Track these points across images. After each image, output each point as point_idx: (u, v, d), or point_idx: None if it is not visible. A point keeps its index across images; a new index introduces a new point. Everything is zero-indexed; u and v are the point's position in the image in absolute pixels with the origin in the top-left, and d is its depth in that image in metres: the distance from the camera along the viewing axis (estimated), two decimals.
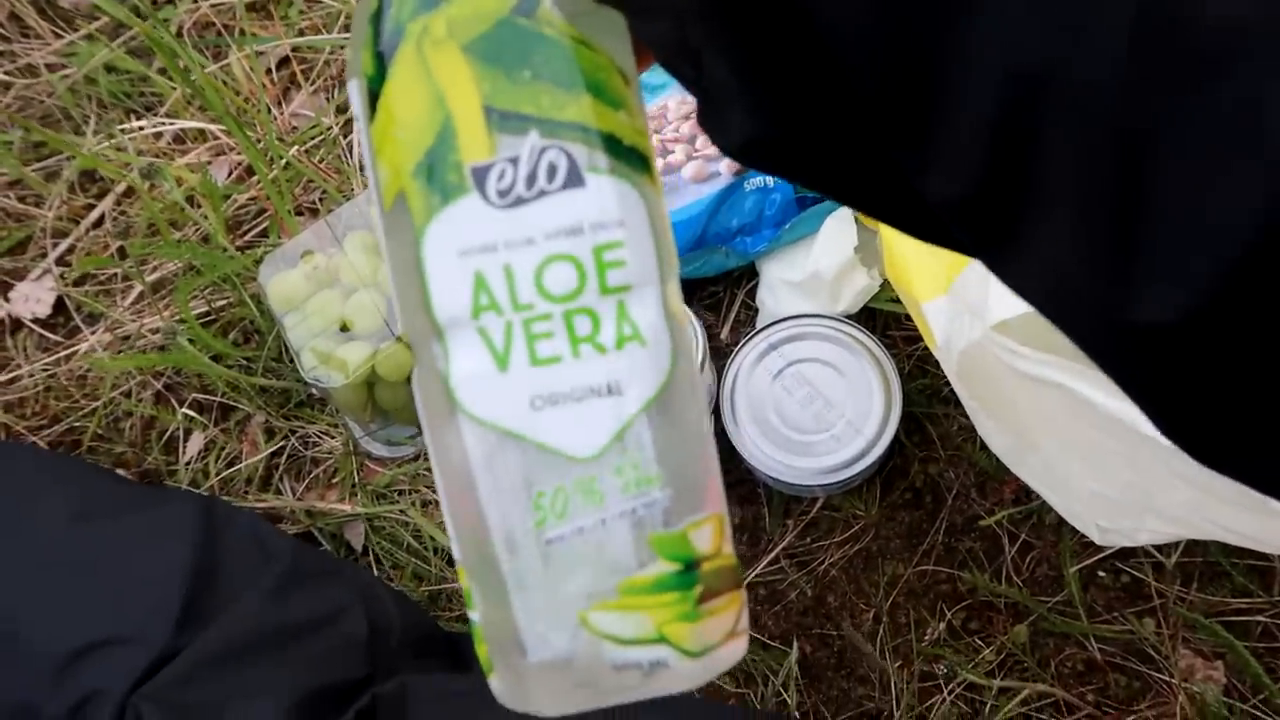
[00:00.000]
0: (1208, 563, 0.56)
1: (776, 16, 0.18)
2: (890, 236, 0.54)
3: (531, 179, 0.20)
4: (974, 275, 0.48)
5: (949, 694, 0.56)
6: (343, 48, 0.79)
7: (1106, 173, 0.16)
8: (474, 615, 0.23)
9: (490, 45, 0.20)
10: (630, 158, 0.21)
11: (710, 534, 0.22)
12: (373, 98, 0.21)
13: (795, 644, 0.58)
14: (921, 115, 0.17)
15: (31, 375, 0.72)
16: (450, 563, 0.63)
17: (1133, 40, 0.15)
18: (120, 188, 0.77)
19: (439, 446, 0.22)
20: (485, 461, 0.21)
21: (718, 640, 0.22)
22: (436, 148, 0.20)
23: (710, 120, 0.21)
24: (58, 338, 0.74)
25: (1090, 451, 0.46)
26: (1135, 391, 0.18)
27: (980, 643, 0.57)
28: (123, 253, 0.74)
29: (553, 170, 0.20)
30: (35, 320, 0.75)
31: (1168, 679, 0.54)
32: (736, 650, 0.23)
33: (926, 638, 0.57)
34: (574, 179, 0.20)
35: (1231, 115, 0.14)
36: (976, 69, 0.16)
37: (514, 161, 0.20)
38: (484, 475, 0.21)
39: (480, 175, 0.20)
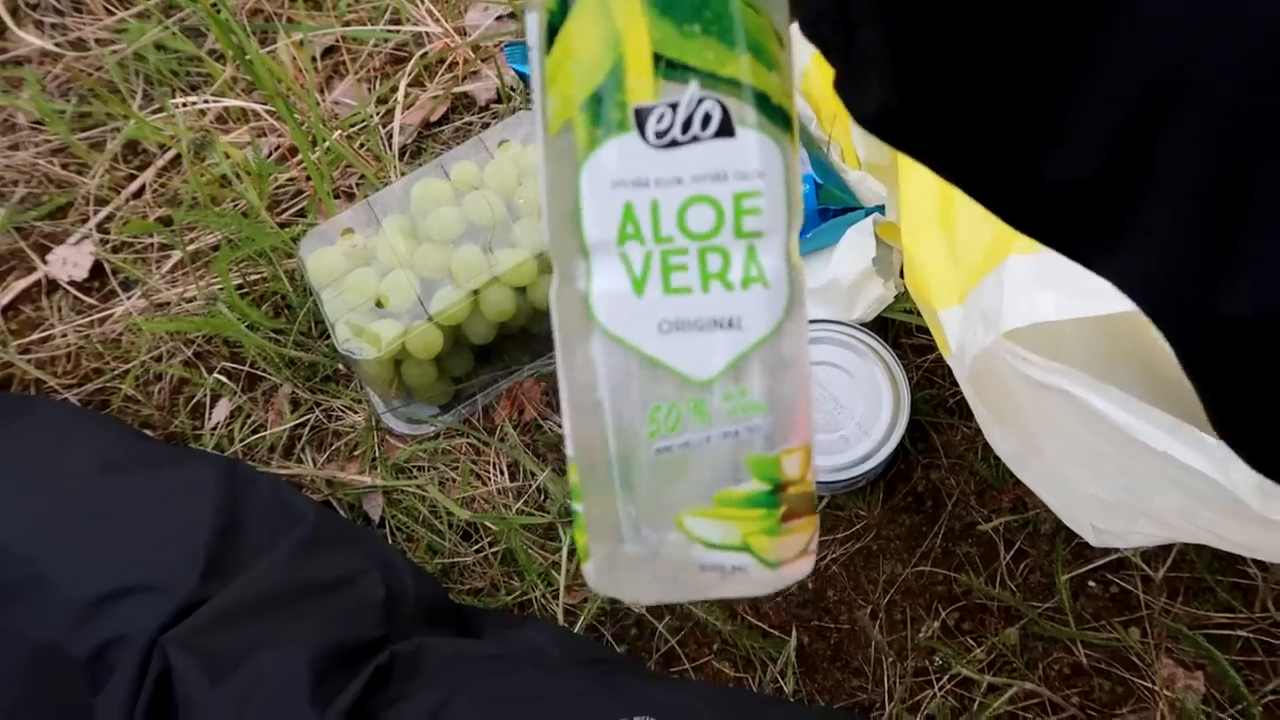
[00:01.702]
0: (1194, 577, 0.59)
1: None
2: (911, 248, 0.57)
3: (687, 125, 0.22)
4: (988, 287, 0.51)
5: (940, 688, 0.58)
6: (387, 40, 0.82)
7: (1222, 175, 0.17)
8: (578, 506, 0.25)
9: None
10: (776, 115, 0.23)
11: (799, 461, 0.24)
12: (550, 31, 0.23)
13: (794, 633, 0.60)
14: (1059, 97, 0.19)
15: (65, 335, 0.75)
16: (464, 538, 0.65)
17: (1263, 51, 0.17)
18: (162, 160, 0.80)
19: (568, 353, 0.24)
20: (611, 373, 0.23)
21: (791, 556, 0.24)
22: (606, 85, 0.22)
23: (848, 88, 0.23)
24: (93, 301, 0.76)
25: (1090, 456, 0.48)
26: (1203, 382, 0.20)
27: (972, 642, 0.59)
28: (163, 222, 0.77)
29: (707, 119, 0.22)
30: (71, 283, 0.77)
31: (1150, 686, 0.57)
32: (804, 567, 0.25)
33: (921, 634, 0.60)
34: (725, 129, 0.22)
35: None
36: (1120, 62, 0.18)
37: (674, 107, 0.22)
38: (608, 384, 0.23)
39: (642, 116, 0.22)
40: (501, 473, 0.67)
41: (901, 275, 0.64)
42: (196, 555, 0.55)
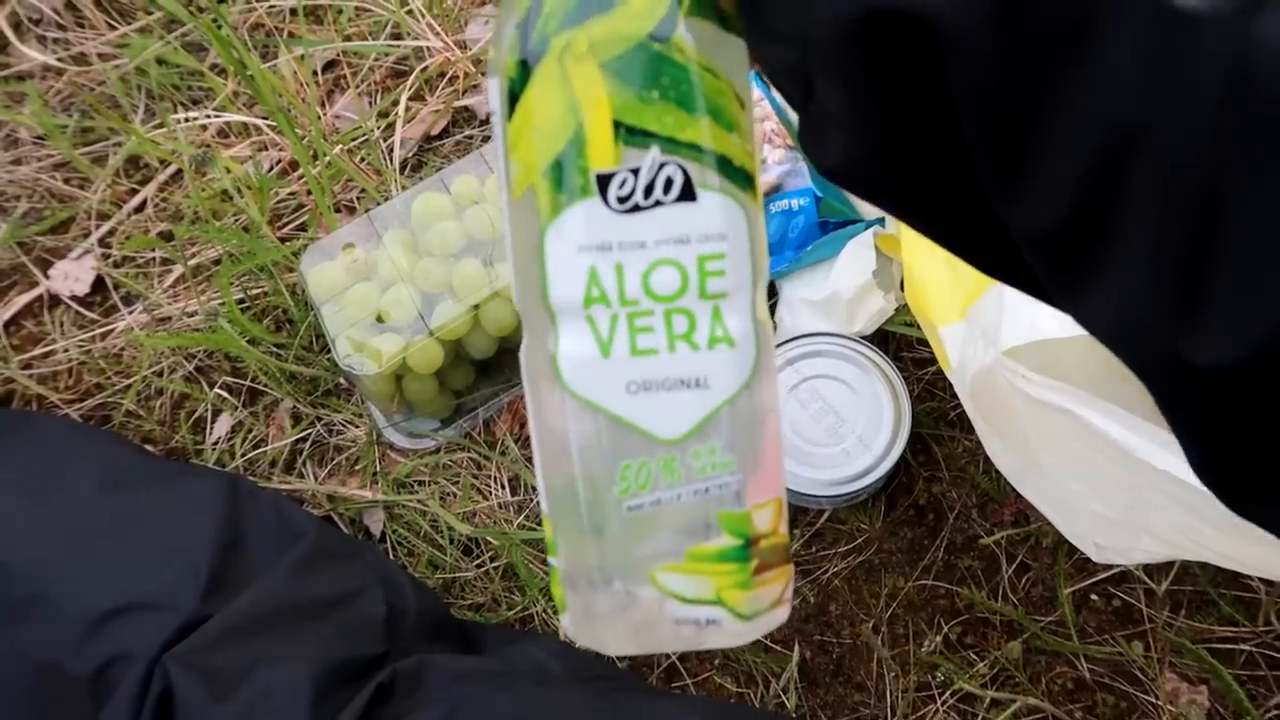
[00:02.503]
0: (1197, 591, 0.58)
1: (904, 52, 0.20)
2: (911, 264, 0.57)
3: (649, 189, 0.22)
4: (989, 304, 0.51)
5: (943, 704, 0.58)
6: (387, 54, 0.82)
7: (1185, 227, 0.18)
8: (554, 560, 0.25)
9: (625, 65, 0.22)
10: (738, 177, 0.23)
11: (770, 515, 0.25)
12: (511, 98, 0.23)
13: (796, 648, 0.60)
14: (1023, 151, 0.19)
15: (66, 350, 0.75)
16: (465, 553, 0.65)
17: (1220, 110, 0.17)
18: (163, 175, 0.80)
19: (540, 413, 0.25)
20: (581, 434, 0.24)
21: (766, 607, 0.25)
22: (567, 152, 0.22)
23: (810, 140, 0.23)
24: (94, 316, 0.76)
25: (1090, 473, 0.48)
26: (1181, 427, 0.20)
27: (975, 656, 0.59)
28: (165, 237, 0.77)
29: (669, 183, 0.23)
30: (73, 298, 0.77)
31: (1154, 700, 0.57)
32: (779, 616, 0.26)
33: (924, 648, 0.59)
34: (687, 193, 0.23)
35: None
36: (1080, 116, 0.18)
37: (635, 172, 0.22)
38: (578, 445, 0.24)
39: (604, 181, 0.22)
40: (503, 487, 0.67)
41: (902, 288, 0.64)
42: (199, 572, 0.55)
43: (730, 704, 0.59)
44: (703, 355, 0.23)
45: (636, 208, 0.23)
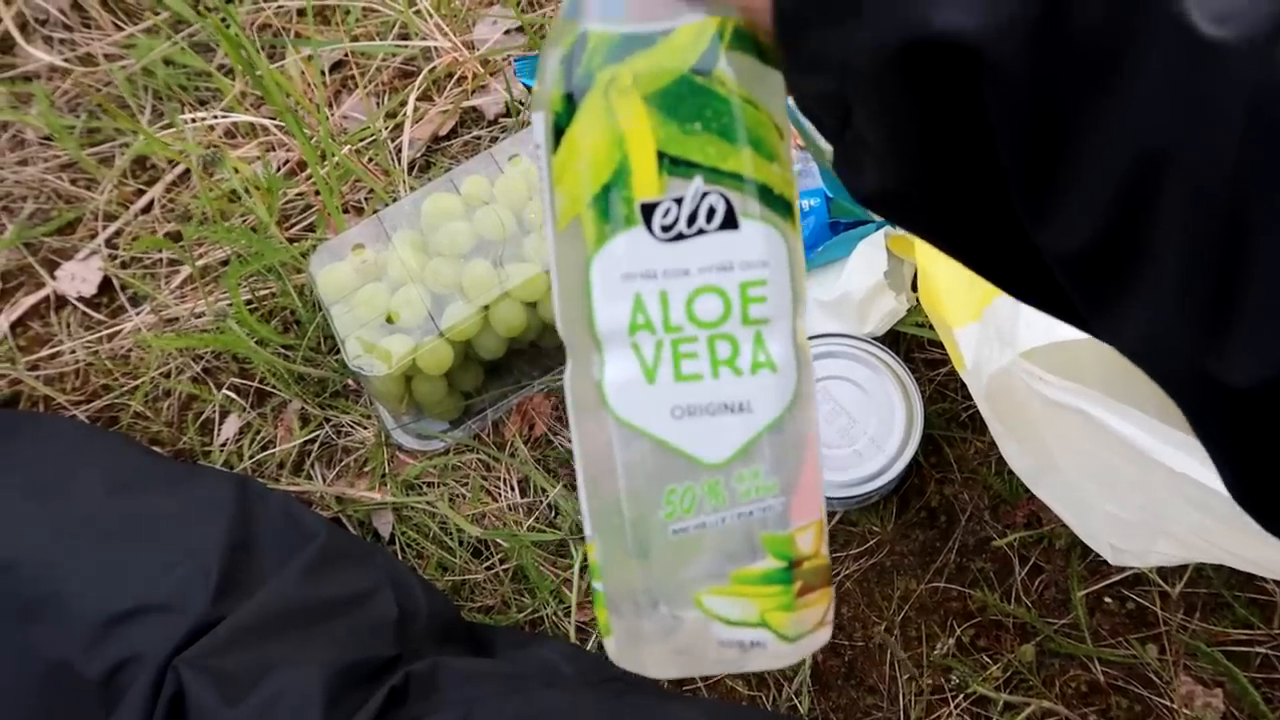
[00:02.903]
0: (1211, 593, 0.58)
1: (942, 79, 0.20)
2: (925, 265, 0.57)
3: (692, 218, 0.23)
4: (1004, 305, 0.51)
5: (956, 706, 0.57)
6: (395, 54, 0.82)
7: (1213, 249, 0.18)
8: (599, 585, 0.26)
9: (669, 98, 0.23)
10: (778, 205, 0.24)
11: (812, 537, 0.25)
12: (556, 131, 0.24)
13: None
14: (1056, 173, 0.20)
15: (74, 352, 0.74)
16: (475, 555, 0.65)
17: (1244, 136, 0.18)
18: (170, 176, 0.80)
19: (585, 437, 0.25)
20: (626, 458, 0.24)
21: (809, 628, 0.25)
22: (612, 183, 0.23)
23: (846, 169, 0.23)
24: (101, 317, 0.76)
25: (1107, 475, 0.48)
26: (1213, 445, 0.21)
27: (988, 659, 0.59)
28: (172, 238, 0.77)
29: (712, 212, 0.23)
30: (80, 299, 0.77)
31: (1168, 704, 0.56)
32: (822, 638, 0.26)
33: (936, 651, 0.59)
34: (730, 222, 0.23)
35: None
36: (1111, 140, 0.19)
37: (679, 201, 0.23)
38: (624, 469, 0.24)
39: (648, 211, 0.23)
40: (512, 489, 0.67)
41: (913, 288, 0.64)
42: (210, 574, 0.54)
43: (742, 707, 0.59)
44: (746, 380, 0.24)
45: (680, 236, 0.23)
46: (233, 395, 0.71)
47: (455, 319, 0.63)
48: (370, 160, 0.77)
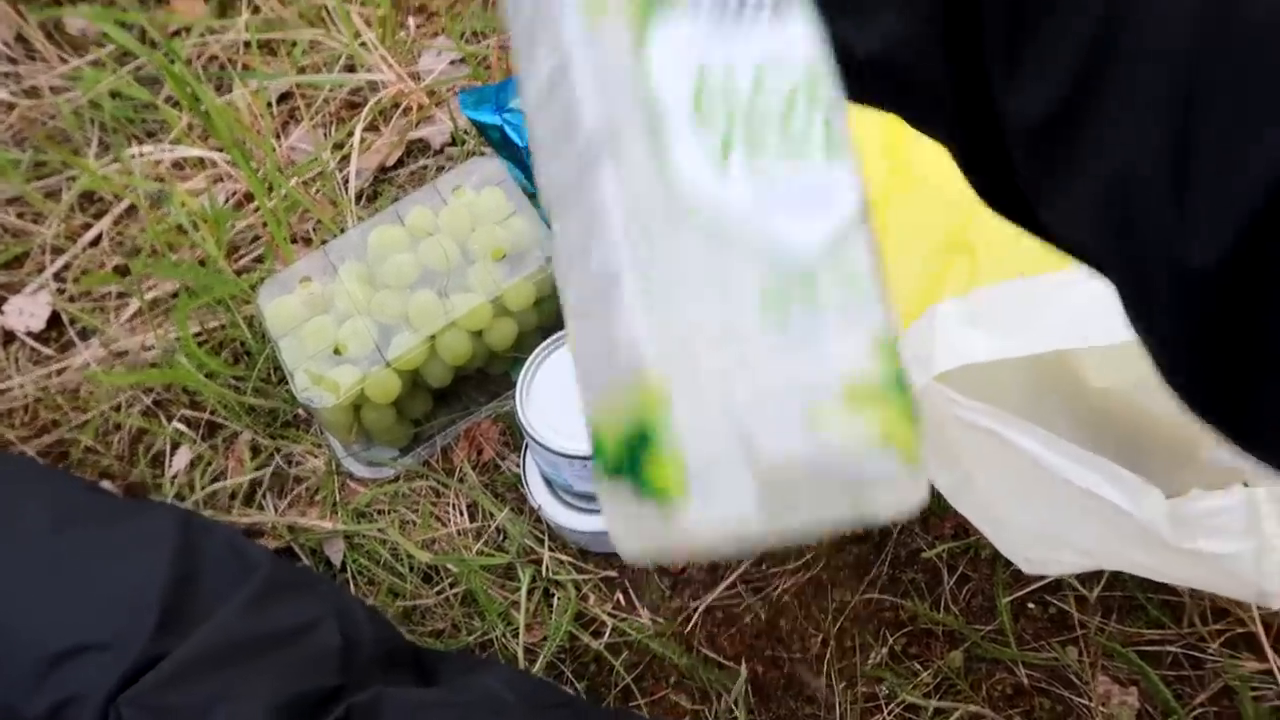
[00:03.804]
0: (1126, 596, 0.61)
1: None
2: None
3: (742, 3, 0.21)
4: (921, 330, 0.53)
5: (889, 714, 0.60)
6: (341, 86, 0.83)
7: (1167, 106, 0.19)
8: (660, 432, 0.20)
9: None
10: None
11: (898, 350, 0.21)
12: None
13: (746, 664, 0.62)
14: (1021, 40, 0.21)
15: (22, 387, 0.75)
16: (425, 580, 0.67)
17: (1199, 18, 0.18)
18: (119, 209, 0.80)
19: (654, 251, 0.21)
20: (712, 250, 0.21)
21: (921, 454, 0.21)
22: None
23: (851, 19, 0.23)
24: (50, 351, 0.77)
25: (1017, 490, 0.51)
26: (1153, 331, 0.21)
27: (919, 666, 0.61)
28: (121, 271, 0.77)
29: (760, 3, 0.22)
30: (29, 333, 0.77)
31: (1087, 703, 0.59)
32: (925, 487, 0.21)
33: (870, 661, 0.62)
34: (787, 9, 0.22)
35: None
36: (1077, 5, 0.20)
37: None
38: (719, 263, 0.21)
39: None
40: (461, 513, 0.68)
41: None
42: (152, 609, 0.55)
43: None
44: (825, 165, 0.21)
45: (739, 14, 0.21)
46: (183, 428, 0.72)
47: (402, 349, 0.64)
48: (318, 191, 0.78)
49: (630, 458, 0.21)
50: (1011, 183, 0.24)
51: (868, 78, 0.23)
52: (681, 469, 0.20)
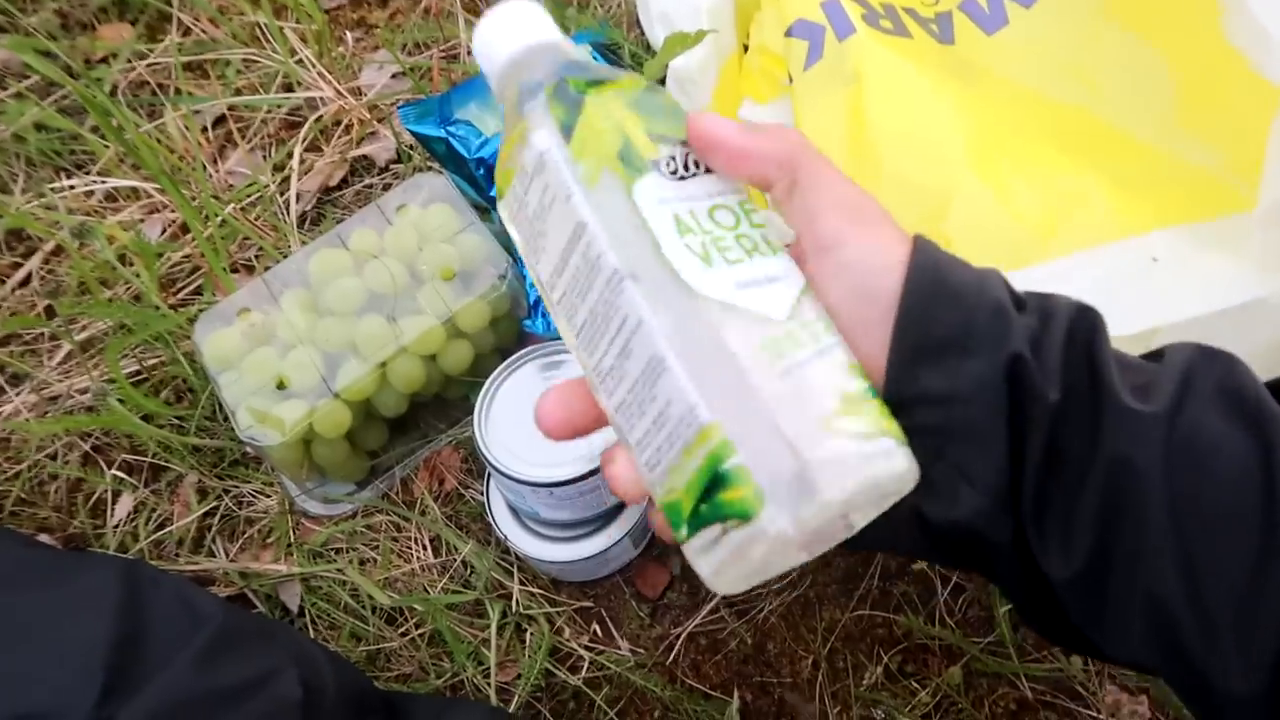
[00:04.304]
0: None
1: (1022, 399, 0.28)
2: None
3: (685, 165, 0.30)
4: None
5: None
6: (279, 106, 0.79)
7: (1173, 567, 0.26)
8: (734, 460, 0.26)
9: (639, 102, 0.31)
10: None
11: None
12: (565, 130, 0.30)
13: (736, 693, 0.59)
14: (1042, 514, 0.28)
15: None
16: (389, 621, 0.63)
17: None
18: (48, 246, 0.76)
19: (681, 334, 0.28)
20: (724, 328, 0.28)
21: (902, 439, 0.27)
22: (624, 148, 0.30)
23: (935, 497, 0.28)
24: None
25: None
26: None
27: (916, 685, 0.58)
28: (50, 312, 0.73)
29: (695, 163, 0.31)
30: None
31: (1096, 715, 0.56)
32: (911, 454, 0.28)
33: (864, 682, 0.58)
34: (708, 169, 0.31)
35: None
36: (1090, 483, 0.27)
37: (673, 157, 0.30)
38: (728, 335, 0.27)
39: (655, 164, 0.30)
40: (424, 548, 0.64)
41: None
42: (94, 672, 0.51)
43: None
44: (776, 260, 0.29)
45: (683, 176, 0.30)
46: (123, 475, 0.67)
47: (350, 379, 0.60)
48: (258, 217, 0.74)
49: (710, 504, 0.27)
50: (1069, 623, 0.29)
51: (945, 541, 0.29)
52: (755, 487, 0.26)
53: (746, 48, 0.68)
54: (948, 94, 0.57)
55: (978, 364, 0.27)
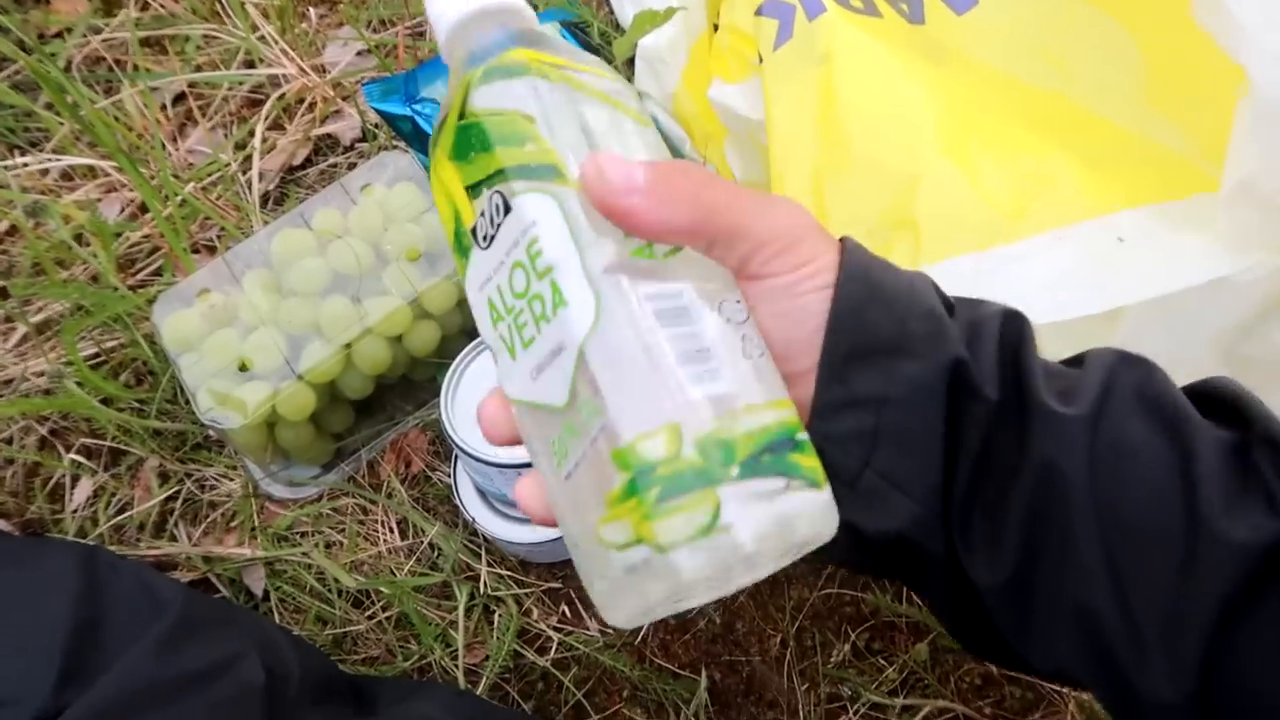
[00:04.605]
0: None
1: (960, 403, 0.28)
2: None
3: (492, 221, 0.27)
4: None
5: (855, 714, 0.57)
6: (241, 84, 0.78)
7: (1103, 569, 0.26)
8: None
9: (455, 147, 0.28)
10: (538, 172, 0.27)
11: (662, 442, 0.24)
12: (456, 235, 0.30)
13: (705, 672, 0.59)
14: (970, 522, 0.28)
15: None
16: (355, 605, 0.62)
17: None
18: (2, 226, 0.74)
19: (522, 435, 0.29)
20: (524, 430, 0.28)
21: (686, 536, 0.23)
22: (456, 226, 0.29)
23: (861, 506, 0.27)
24: None
25: None
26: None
27: (884, 662, 0.58)
28: (4, 293, 0.71)
29: (498, 209, 0.27)
30: None
31: (1059, 690, 0.57)
32: (718, 547, 0.23)
33: (832, 659, 0.59)
34: (506, 208, 0.27)
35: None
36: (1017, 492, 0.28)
37: (484, 214, 0.28)
38: (526, 440, 0.28)
39: (474, 232, 0.28)
40: (391, 530, 0.64)
41: None
42: (52, 659, 0.50)
43: None
44: (555, 323, 0.26)
45: (491, 238, 0.28)
46: (81, 459, 0.66)
47: (314, 361, 0.59)
48: (219, 197, 0.73)
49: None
50: (996, 635, 0.29)
51: (876, 552, 0.28)
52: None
53: (717, 27, 0.68)
54: (918, 74, 0.57)
55: (914, 366, 0.27)
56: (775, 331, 0.28)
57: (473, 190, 0.28)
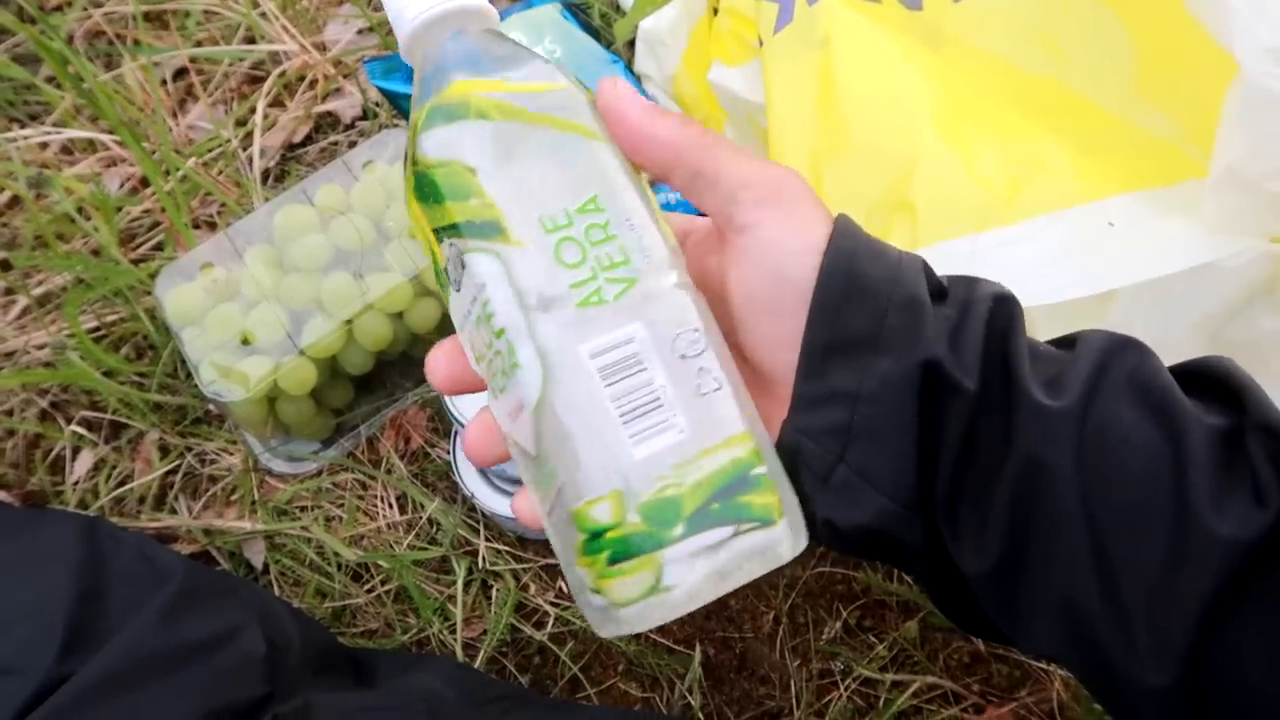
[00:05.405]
0: None
1: (934, 399, 0.28)
2: None
3: (455, 270, 0.28)
4: None
5: (845, 689, 0.58)
6: (241, 59, 0.78)
7: (1088, 556, 0.26)
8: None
9: (415, 189, 0.28)
10: (483, 229, 0.27)
11: (608, 508, 0.25)
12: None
13: (698, 648, 0.60)
14: (957, 514, 0.28)
15: None
16: (355, 578, 0.63)
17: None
18: (3, 198, 0.74)
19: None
20: (513, 455, 0.28)
21: (636, 596, 0.25)
22: (434, 264, 0.29)
23: (835, 503, 0.28)
24: None
25: None
26: None
27: (874, 639, 0.59)
28: (6, 265, 0.71)
29: (456, 262, 0.27)
30: None
31: (1045, 667, 0.58)
32: (670, 603, 0.25)
33: (824, 636, 0.60)
34: (461, 264, 0.27)
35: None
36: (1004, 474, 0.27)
37: (450, 260, 0.28)
38: (519, 469, 0.28)
39: (447, 273, 0.28)
40: (390, 506, 0.64)
41: None
42: (55, 628, 0.51)
43: (633, 711, 0.58)
44: (514, 382, 0.26)
45: (459, 285, 0.28)
46: (83, 431, 0.66)
47: (315, 336, 0.60)
48: (220, 172, 0.73)
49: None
50: (983, 615, 0.29)
51: (855, 542, 0.28)
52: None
53: (717, 10, 0.68)
54: (915, 60, 0.58)
55: (886, 363, 0.27)
56: (760, 288, 0.28)
57: (437, 235, 0.28)
